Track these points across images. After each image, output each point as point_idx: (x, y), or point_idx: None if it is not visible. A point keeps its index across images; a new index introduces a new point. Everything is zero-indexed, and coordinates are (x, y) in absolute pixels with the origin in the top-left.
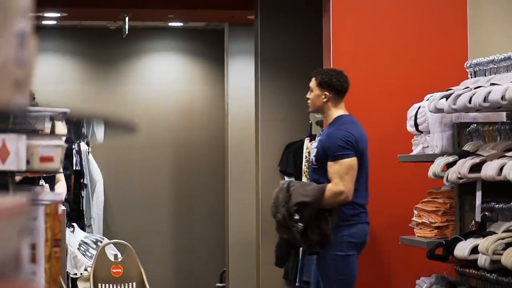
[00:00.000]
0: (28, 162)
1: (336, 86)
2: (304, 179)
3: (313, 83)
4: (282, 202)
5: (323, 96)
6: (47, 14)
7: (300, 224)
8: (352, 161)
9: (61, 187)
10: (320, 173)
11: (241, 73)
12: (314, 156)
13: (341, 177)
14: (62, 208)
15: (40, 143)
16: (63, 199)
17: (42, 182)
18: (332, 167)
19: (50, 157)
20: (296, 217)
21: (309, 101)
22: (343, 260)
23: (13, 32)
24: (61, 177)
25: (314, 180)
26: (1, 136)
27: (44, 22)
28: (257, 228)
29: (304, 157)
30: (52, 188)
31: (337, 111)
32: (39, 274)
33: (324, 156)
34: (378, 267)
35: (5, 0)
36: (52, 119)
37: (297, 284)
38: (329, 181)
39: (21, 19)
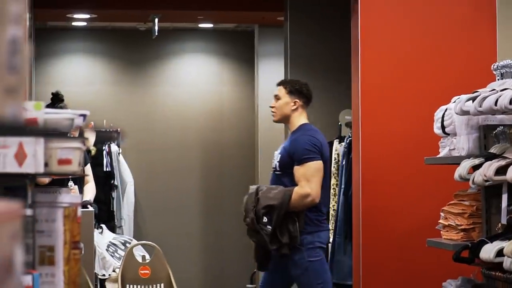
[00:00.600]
0: (46, 164)
1: (306, 94)
2: (333, 180)
3: (281, 92)
4: (251, 206)
5: (293, 104)
6: (77, 16)
7: (269, 226)
8: (318, 164)
9: (90, 188)
10: (283, 179)
11: (271, 74)
12: (277, 162)
13: (307, 179)
14: (90, 209)
15: (58, 145)
16: (91, 200)
17: (71, 183)
18: (299, 171)
19: (68, 159)
20: (265, 220)
21: (274, 110)
22: (320, 264)
23: (5, 38)
24: (89, 179)
25: None
26: (18, 139)
27: (74, 24)
28: None
29: (333, 159)
30: (81, 189)
31: (301, 119)
32: (57, 276)
33: (290, 161)
34: (404, 269)
35: None
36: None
37: None
38: (294, 185)
39: (14, 25)
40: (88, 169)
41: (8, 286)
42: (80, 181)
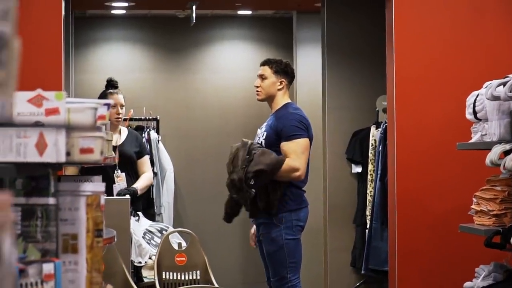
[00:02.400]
0: (68, 153)
1: (290, 73)
2: (370, 166)
3: (267, 71)
4: (242, 164)
5: (279, 83)
6: (115, 4)
7: (253, 190)
8: (306, 142)
9: (144, 178)
10: None
11: (310, 60)
12: (263, 139)
13: (297, 155)
14: (126, 197)
15: (80, 134)
16: (137, 188)
17: (117, 172)
18: (288, 145)
19: (90, 148)
20: (251, 182)
21: (259, 89)
22: (295, 243)
23: None
24: (147, 168)
25: None
26: (38, 129)
27: (113, 12)
28: (325, 215)
29: (370, 144)
30: (135, 178)
31: (285, 98)
32: (80, 264)
33: (276, 138)
34: (437, 254)
35: None
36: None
37: (363, 271)
38: None
39: (1, 21)
40: (146, 160)
41: None
42: (131, 167)
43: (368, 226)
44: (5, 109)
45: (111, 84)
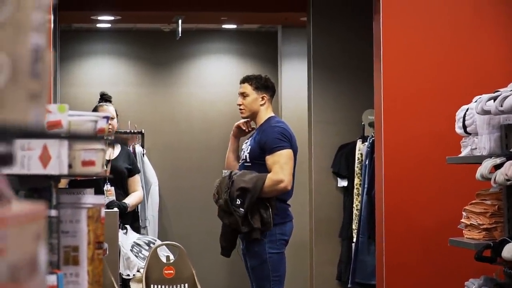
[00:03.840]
0: (70, 166)
1: (271, 87)
2: (356, 180)
3: (247, 89)
4: (225, 188)
5: (261, 99)
6: (101, 17)
7: (241, 209)
8: (289, 152)
9: (135, 195)
10: (253, 170)
11: (295, 75)
12: (247, 153)
13: (280, 166)
14: (114, 210)
15: (81, 147)
16: (128, 204)
17: (107, 186)
18: (271, 159)
19: (92, 161)
20: (238, 202)
21: (242, 107)
22: (278, 258)
23: (28, 47)
24: (138, 187)
25: None
26: (42, 141)
27: (98, 25)
28: (311, 229)
29: (356, 158)
30: (125, 194)
31: (268, 113)
32: (82, 275)
33: (260, 152)
34: (427, 268)
35: (20, 15)
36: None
37: (349, 285)
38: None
39: (36, 33)
40: (138, 179)
41: (33, 285)
42: (122, 184)
43: (354, 240)
44: (40, 120)
45: (104, 98)
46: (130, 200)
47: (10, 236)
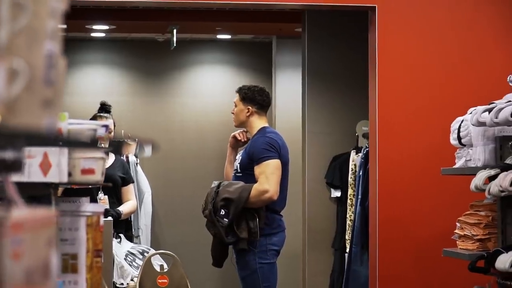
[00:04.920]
0: (70, 174)
1: (258, 100)
2: (350, 191)
3: (236, 99)
4: (210, 199)
5: (246, 110)
6: (95, 27)
7: (225, 219)
8: (276, 162)
9: (129, 204)
10: (243, 180)
11: (289, 85)
12: (238, 163)
13: (266, 177)
14: (108, 218)
15: (81, 155)
16: (122, 212)
17: (101, 195)
18: (258, 169)
19: (92, 169)
20: (222, 213)
21: (233, 116)
22: (269, 268)
23: (42, 53)
24: (132, 196)
25: None
26: (43, 149)
27: (93, 35)
28: (304, 239)
29: (350, 169)
30: (118, 203)
31: (260, 123)
32: (80, 283)
33: (249, 162)
34: (421, 279)
35: (35, 23)
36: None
37: None
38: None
39: (50, 41)
40: (132, 188)
41: None
42: (116, 194)
43: (347, 250)
44: (54, 127)
45: (104, 108)
46: (124, 208)
47: (26, 241)
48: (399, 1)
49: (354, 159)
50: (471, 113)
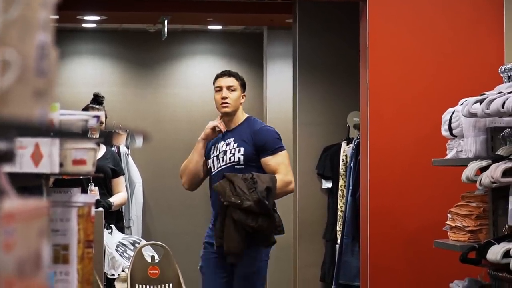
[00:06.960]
0: (61, 165)
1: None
2: (341, 182)
3: (235, 84)
4: (250, 189)
5: (242, 98)
6: (87, 17)
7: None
8: (287, 153)
9: (119, 196)
10: (246, 172)
11: (280, 76)
12: (241, 155)
13: (286, 167)
14: (99, 209)
15: (73, 146)
16: (113, 203)
17: (91, 186)
18: (275, 159)
19: (83, 160)
20: (266, 202)
21: (228, 101)
22: (266, 265)
23: (34, 44)
24: (122, 188)
25: None
26: (34, 139)
27: (84, 25)
28: (295, 231)
29: (341, 160)
30: (108, 195)
31: (244, 113)
32: (72, 274)
33: (255, 153)
34: (412, 270)
35: (28, 13)
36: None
37: (333, 287)
38: None
39: (42, 31)
40: (122, 180)
41: (37, 279)
42: (106, 185)
43: (339, 241)
44: (46, 117)
45: (97, 100)
46: (115, 200)
47: (18, 232)
48: None
49: (345, 150)
50: (462, 104)
